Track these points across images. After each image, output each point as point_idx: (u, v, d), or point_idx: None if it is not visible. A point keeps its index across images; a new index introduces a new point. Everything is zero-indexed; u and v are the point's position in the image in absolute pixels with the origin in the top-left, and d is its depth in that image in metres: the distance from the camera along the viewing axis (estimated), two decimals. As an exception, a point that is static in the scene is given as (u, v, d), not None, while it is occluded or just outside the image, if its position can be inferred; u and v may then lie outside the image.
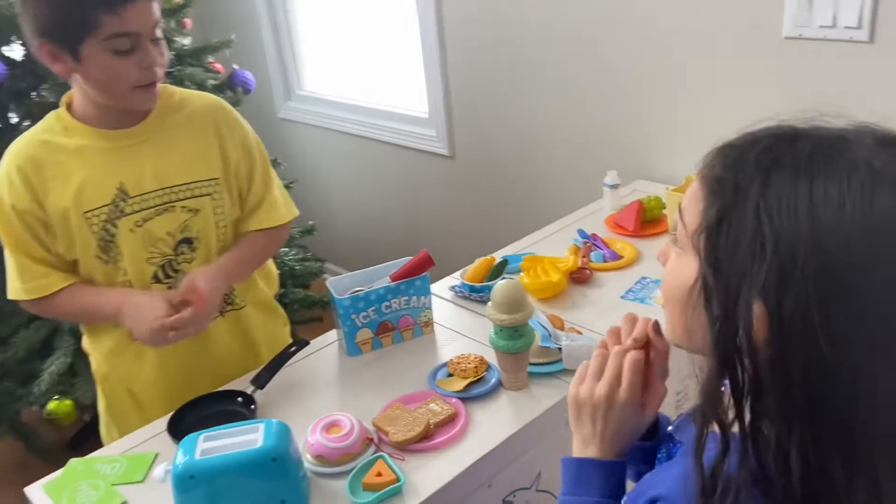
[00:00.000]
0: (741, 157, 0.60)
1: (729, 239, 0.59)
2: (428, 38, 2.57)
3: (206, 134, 1.37)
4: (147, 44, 1.22)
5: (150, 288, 1.35)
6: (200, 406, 1.30)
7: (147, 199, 1.31)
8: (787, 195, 0.56)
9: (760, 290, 0.56)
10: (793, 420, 0.56)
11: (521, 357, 1.26)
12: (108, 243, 1.31)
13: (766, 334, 0.56)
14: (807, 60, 1.71)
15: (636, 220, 1.82)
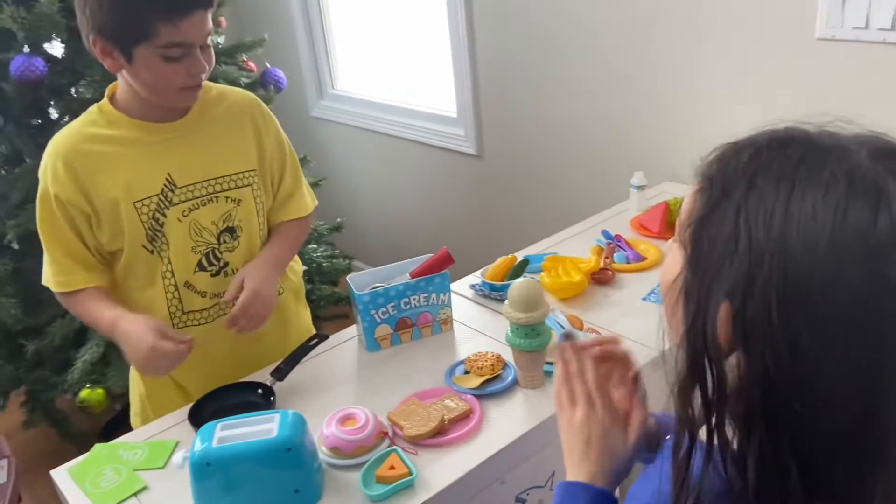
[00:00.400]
0: (735, 158, 0.61)
1: (709, 236, 0.59)
2: (457, 38, 2.58)
3: (244, 127, 1.42)
4: (197, 52, 1.26)
5: (193, 275, 1.39)
6: (221, 396, 1.33)
7: (193, 190, 1.36)
8: (767, 201, 0.56)
9: (727, 292, 0.56)
10: (752, 425, 0.56)
11: (538, 356, 1.27)
12: (156, 232, 1.34)
13: (730, 336, 0.56)
14: (839, 62, 1.68)
15: (662, 222, 1.81)
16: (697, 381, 0.58)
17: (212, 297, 1.41)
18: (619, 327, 1.42)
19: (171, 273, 1.37)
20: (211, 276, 1.40)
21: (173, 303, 1.39)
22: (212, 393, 1.34)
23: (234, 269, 1.42)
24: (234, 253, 1.42)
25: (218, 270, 1.41)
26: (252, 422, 1.08)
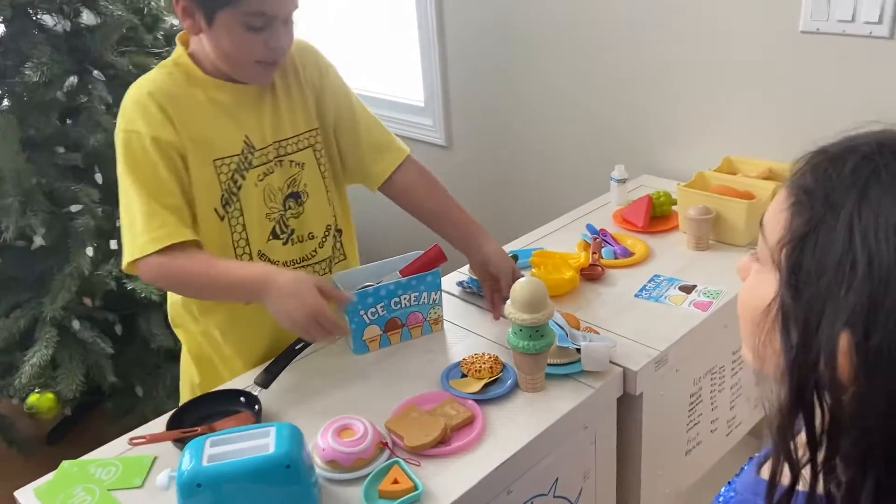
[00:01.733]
0: (836, 166, 0.54)
1: (815, 257, 0.52)
2: (425, 23, 2.50)
3: (304, 82, 1.37)
4: (279, 25, 1.22)
5: (267, 244, 1.34)
6: (200, 406, 1.23)
7: (267, 153, 1.32)
8: (887, 213, 0.50)
9: (847, 320, 0.50)
10: (868, 465, 0.50)
11: (541, 358, 1.21)
12: (232, 196, 1.29)
13: (851, 369, 0.50)
14: (823, 56, 1.67)
15: (645, 216, 1.77)
16: (805, 417, 0.52)
17: (283, 264, 1.36)
18: (615, 325, 1.39)
19: (245, 241, 1.31)
20: (283, 245, 1.36)
21: None
22: (190, 403, 1.24)
23: (301, 237, 1.38)
24: (300, 219, 1.38)
25: (287, 239, 1.37)
26: (245, 436, 1.00)
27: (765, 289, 0.56)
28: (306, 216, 1.39)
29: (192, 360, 1.45)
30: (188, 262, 1.21)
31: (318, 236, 1.42)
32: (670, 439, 1.44)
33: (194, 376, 1.44)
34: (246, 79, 1.28)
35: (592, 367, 1.25)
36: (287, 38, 1.25)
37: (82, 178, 2.11)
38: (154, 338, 2.16)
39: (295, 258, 1.39)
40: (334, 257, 1.47)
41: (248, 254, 1.33)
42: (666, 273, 1.57)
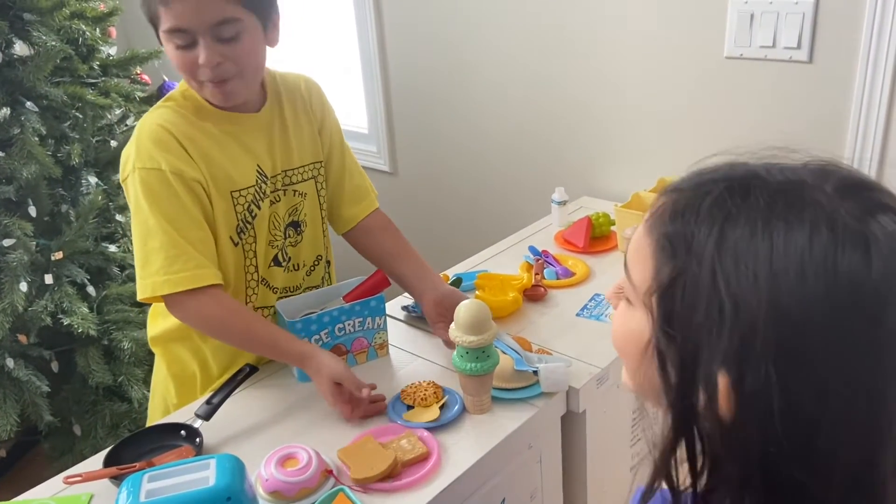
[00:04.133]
0: (692, 209, 0.55)
1: (684, 303, 0.54)
2: (367, 52, 2.52)
3: (310, 115, 1.40)
4: (206, 41, 1.17)
5: (268, 269, 1.36)
6: (139, 442, 1.20)
7: (276, 181, 1.33)
8: (745, 257, 0.51)
9: (722, 361, 0.51)
10: (747, 490, 0.53)
11: (487, 379, 1.22)
12: (247, 224, 1.30)
13: (729, 406, 0.52)
14: (747, 80, 1.75)
15: (585, 237, 1.81)
16: (687, 448, 0.55)
17: (280, 292, 1.40)
18: (558, 345, 1.41)
19: (254, 268, 1.32)
20: (283, 272, 1.38)
21: (252, 298, 1.35)
22: (127, 439, 1.21)
23: (296, 265, 1.39)
24: (297, 248, 1.40)
25: (286, 267, 1.39)
26: (184, 470, 0.97)
27: (636, 325, 0.58)
28: (303, 245, 1.41)
29: (170, 378, 1.41)
30: (221, 313, 1.22)
31: (308, 265, 1.43)
32: (615, 456, 1.47)
33: (171, 396, 1.41)
34: (204, 98, 1.25)
35: (552, 389, 1.26)
36: (221, 55, 1.18)
37: (15, 211, 2.05)
38: (92, 374, 2.09)
39: (290, 286, 1.41)
40: (321, 287, 1.47)
41: (256, 279, 1.35)
42: (606, 291, 1.60)
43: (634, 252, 0.60)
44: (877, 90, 1.56)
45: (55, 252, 2.10)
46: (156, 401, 1.47)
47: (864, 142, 1.61)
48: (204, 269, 1.19)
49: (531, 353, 1.34)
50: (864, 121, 1.59)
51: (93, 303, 2.16)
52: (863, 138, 1.61)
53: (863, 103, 1.58)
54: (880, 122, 1.57)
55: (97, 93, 2.22)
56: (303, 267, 1.42)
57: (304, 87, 1.41)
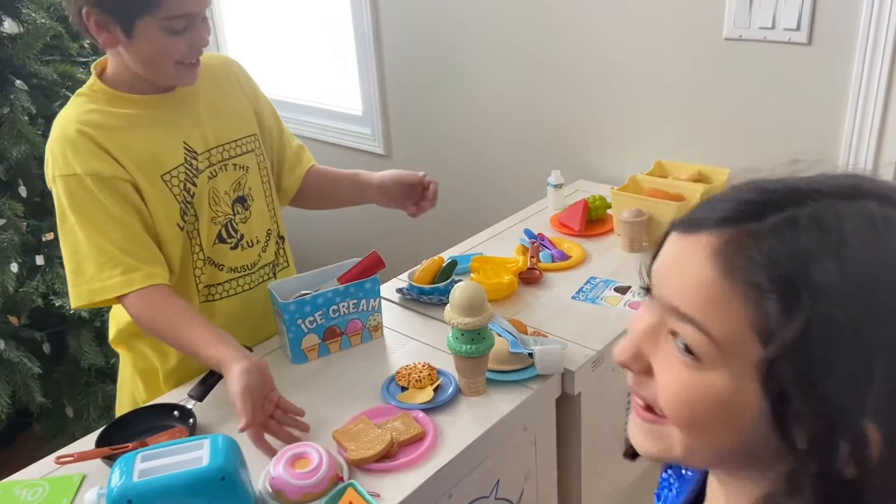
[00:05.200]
0: (793, 249, 0.45)
1: (815, 357, 0.44)
2: (362, 32, 2.50)
3: (235, 90, 1.39)
4: (199, 23, 1.21)
5: (213, 247, 1.32)
6: (132, 423, 1.19)
7: (209, 157, 1.31)
8: (881, 297, 0.44)
9: (875, 413, 0.44)
10: None
11: (483, 361, 1.22)
12: (188, 205, 1.28)
13: (879, 454, 0.45)
14: (746, 61, 1.74)
15: (581, 220, 1.81)
16: None
17: (230, 270, 1.36)
18: (554, 328, 1.40)
19: (199, 247, 1.30)
20: (230, 249, 1.35)
21: (201, 279, 1.33)
22: (120, 419, 1.20)
23: (249, 242, 1.37)
24: (248, 224, 1.38)
25: (236, 243, 1.36)
26: (178, 450, 0.97)
27: (713, 388, 0.48)
28: (253, 220, 1.39)
29: (137, 374, 1.40)
30: (149, 314, 1.20)
31: (262, 241, 1.41)
32: (609, 438, 1.46)
33: (140, 392, 1.40)
34: (169, 81, 1.26)
35: (547, 371, 1.26)
36: (207, 34, 1.24)
37: (5, 191, 2.03)
38: (84, 356, 2.09)
39: (245, 264, 1.39)
40: (278, 263, 1.46)
41: (203, 259, 1.32)
42: (602, 275, 1.60)
43: (706, 301, 0.47)
44: (875, 73, 1.55)
45: (46, 233, 2.08)
46: (123, 398, 1.46)
47: (863, 124, 1.60)
48: (132, 273, 1.18)
49: (526, 336, 1.33)
50: (863, 103, 1.58)
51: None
52: (861, 120, 1.60)
53: (861, 86, 1.57)
54: (878, 105, 1.57)
55: (87, 72, 2.18)
56: (256, 243, 1.40)
57: (227, 64, 1.42)
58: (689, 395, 0.49)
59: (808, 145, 1.70)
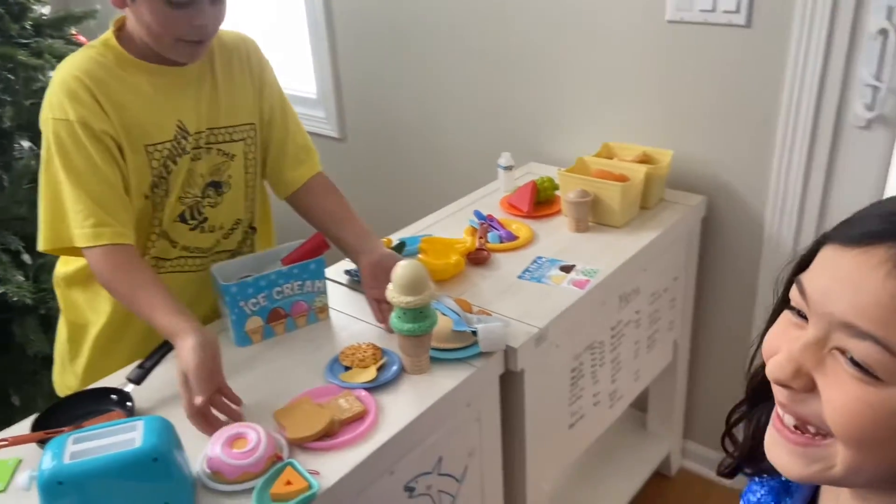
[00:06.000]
0: None
1: None
2: (315, 16, 2.47)
3: (245, 75, 1.36)
4: (205, 4, 1.18)
5: (172, 224, 1.32)
6: (70, 407, 1.18)
7: (199, 138, 1.30)
8: None
9: None
10: None
11: (426, 339, 1.23)
12: (161, 180, 1.27)
13: None
14: (688, 44, 1.76)
15: (530, 201, 1.82)
16: None
17: (182, 248, 1.36)
18: (499, 307, 1.42)
19: (159, 221, 1.29)
20: (189, 230, 1.35)
21: (150, 249, 1.33)
22: (58, 403, 1.19)
23: (212, 227, 1.35)
24: (216, 209, 1.37)
25: (197, 225, 1.36)
26: (110, 432, 0.96)
27: None
28: (222, 207, 1.38)
29: (66, 327, 1.42)
30: (111, 271, 1.19)
31: (226, 228, 1.41)
32: (554, 414, 1.49)
33: (63, 343, 1.43)
34: (169, 55, 1.23)
35: (490, 348, 1.27)
36: (214, 16, 1.21)
37: (-56, 177, 1.97)
38: (30, 343, 2.04)
39: (201, 246, 1.38)
40: (241, 252, 1.46)
41: (157, 233, 1.32)
42: (548, 254, 1.62)
43: (889, 317, 0.46)
44: (812, 54, 1.58)
45: (-12, 220, 2.03)
46: (56, 369, 1.48)
47: (799, 106, 1.64)
48: (103, 228, 1.18)
49: (471, 315, 1.34)
50: (799, 85, 1.62)
51: (29, 271, 2.10)
52: (797, 103, 1.64)
53: (798, 66, 1.61)
54: (814, 87, 1.60)
55: (29, 53, 2.13)
56: (219, 229, 1.39)
57: (243, 46, 1.38)
58: (866, 411, 0.47)
59: (747, 127, 1.74)
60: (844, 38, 1.54)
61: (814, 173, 1.68)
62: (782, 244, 1.78)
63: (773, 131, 1.70)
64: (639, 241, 1.65)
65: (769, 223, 1.79)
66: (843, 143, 1.64)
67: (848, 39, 1.54)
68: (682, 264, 1.86)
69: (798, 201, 1.72)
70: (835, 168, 1.66)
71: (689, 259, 1.88)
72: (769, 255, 1.82)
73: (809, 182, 1.70)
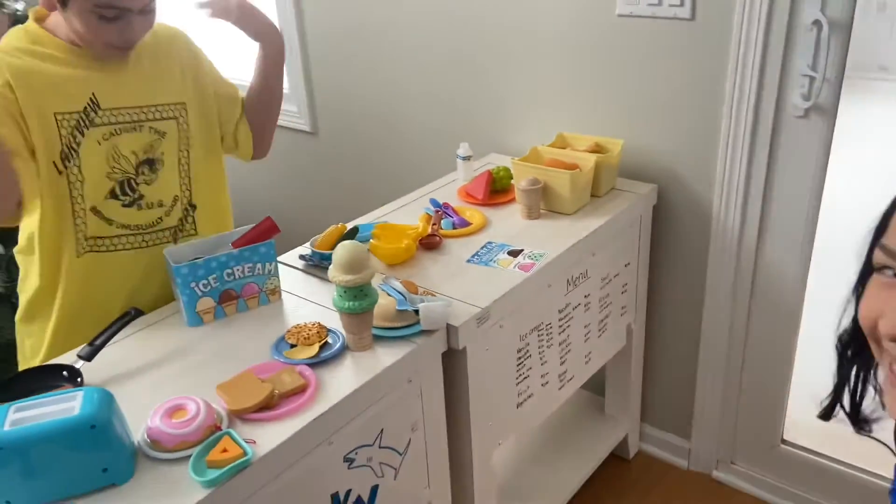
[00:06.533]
0: None
1: None
2: (286, 16, 2.52)
3: (173, 59, 1.44)
4: (134, 17, 1.26)
5: (103, 201, 1.37)
6: (21, 383, 1.22)
7: (117, 115, 1.35)
8: None
9: None
10: None
11: (366, 317, 1.27)
12: (72, 151, 1.31)
13: None
14: (637, 37, 1.81)
15: (485, 190, 1.87)
16: None
17: (120, 226, 1.40)
18: (445, 288, 1.47)
19: (81, 197, 1.33)
20: (122, 206, 1.39)
21: (80, 227, 1.37)
22: (9, 380, 1.23)
23: (150, 204, 1.41)
24: (151, 186, 1.42)
25: (132, 202, 1.40)
26: (51, 402, 1.00)
27: None
28: (159, 184, 1.43)
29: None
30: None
31: (166, 205, 1.46)
32: (499, 392, 1.54)
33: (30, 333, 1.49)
34: (98, 56, 1.31)
35: (431, 326, 1.32)
36: (142, 26, 1.30)
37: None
38: (1, 332, 2.08)
39: (141, 223, 1.43)
40: (182, 229, 1.50)
41: (84, 209, 1.36)
42: (498, 240, 1.66)
43: None
44: (751, 46, 1.64)
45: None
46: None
47: (741, 97, 1.69)
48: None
49: (415, 295, 1.39)
50: (741, 76, 1.67)
51: (1, 261, 2.14)
52: (739, 94, 1.69)
53: (738, 59, 1.66)
54: (755, 78, 1.66)
55: None
56: (157, 206, 1.44)
57: (172, 36, 1.47)
58: None
59: (694, 117, 1.80)
60: (782, 29, 1.60)
61: (756, 161, 1.74)
62: (729, 230, 1.84)
63: (717, 121, 1.76)
64: (588, 226, 1.70)
65: (716, 210, 1.84)
66: (783, 131, 1.69)
67: (785, 31, 1.60)
68: (634, 251, 1.91)
69: (742, 188, 1.78)
70: (776, 156, 1.72)
71: (642, 246, 1.94)
72: (717, 240, 1.87)
73: (752, 170, 1.75)
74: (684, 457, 2.16)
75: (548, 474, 1.99)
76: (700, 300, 1.96)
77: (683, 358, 2.07)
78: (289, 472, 1.11)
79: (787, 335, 1.88)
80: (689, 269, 1.96)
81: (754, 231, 1.81)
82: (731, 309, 1.91)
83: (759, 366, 1.96)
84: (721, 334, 1.95)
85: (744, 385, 2.00)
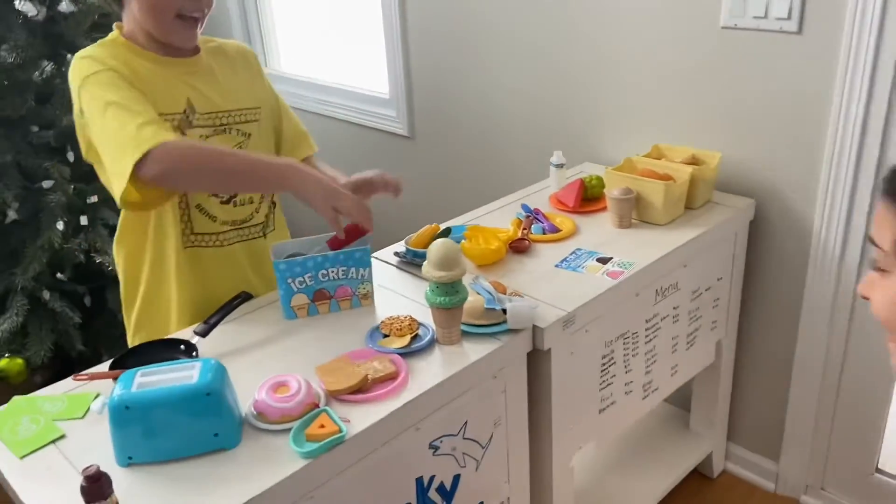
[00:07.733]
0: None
1: None
2: (390, 19, 2.62)
3: (245, 70, 1.57)
4: (200, 21, 1.38)
5: (207, 199, 1.47)
6: (143, 353, 1.34)
7: (209, 118, 1.45)
8: None
9: None
10: None
11: (456, 312, 1.33)
12: None
13: None
14: (741, 50, 1.80)
15: (577, 197, 1.90)
16: None
17: (222, 223, 1.51)
18: (533, 291, 1.50)
19: (185, 194, 1.44)
20: (221, 203, 1.49)
21: (184, 220, 1.47)
22: (134, 349, 1.36)
23: (242, 201, 1.52)
24: None
25: (228, 199, 1.50)
26: (173, 369, 1.12)
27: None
28: None
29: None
30: (182, 160, 1.25)
31: (256, 202, 1.57)
32: (582, 396, 1.56)
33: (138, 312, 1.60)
34: (167, 37, 1.39)
35: (517, 325, 1.37)
36: (200, 31, 1.40)
37: (54, 155, 2.23)
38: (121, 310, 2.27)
39: (237, 219, 1.53)
40: (267, 225, 1.61)
41: (187, 204, 1.46)
42: (588, 247, 1.69)
43: (877, 224, 0.70)
44: (860, 62, 1.60)
45: (91, 196, 2.28)
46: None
47: (848, 112, 1.65)
48: (156, 126, 1.26)
49: (504, 296, 1.44)
50: (849, 91, 1.63)
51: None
52: (846, 109, 1.65)
53: (847, 74, 1.62)
54: (864, 93, 1.61)
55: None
56: (250, 203, 1.55)
57: (241, 49, 1.60)
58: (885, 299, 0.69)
59: (798, 132, 1.76)
60: (893, 42, 1.55)
61: (862, 179, 1.69)
62: (829, 248, 1.79)
63: (822, 137, 1.72)
64: (680, 238, 1.70)
65: (817, 229, 1.80)
66: (891, 146, 1.64)
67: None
68: (728, 265, 1.89)
69: (847, 204, 1.73)
70: (882, 174, 1.66)
71: (736, 260, 1.91)
72: (817, 261, 1.83)
73: (858, 188, 1.70)
74: (772, 479, 2.11)
75: (627, 485, 1.99)
76: (796, 319, 1.92)
77: (775, 377, 2.02)
78: (378, 451, 1.18)
79: (887, 360, 1.80)
80: (786, 287, 1.92)
81: (857, 251, 1.75)
82: (828, 330, 1.86)
83: (856, 390, 1.89)
84: (817, 356, 1.90)
85: (838, 409, 1.93)
